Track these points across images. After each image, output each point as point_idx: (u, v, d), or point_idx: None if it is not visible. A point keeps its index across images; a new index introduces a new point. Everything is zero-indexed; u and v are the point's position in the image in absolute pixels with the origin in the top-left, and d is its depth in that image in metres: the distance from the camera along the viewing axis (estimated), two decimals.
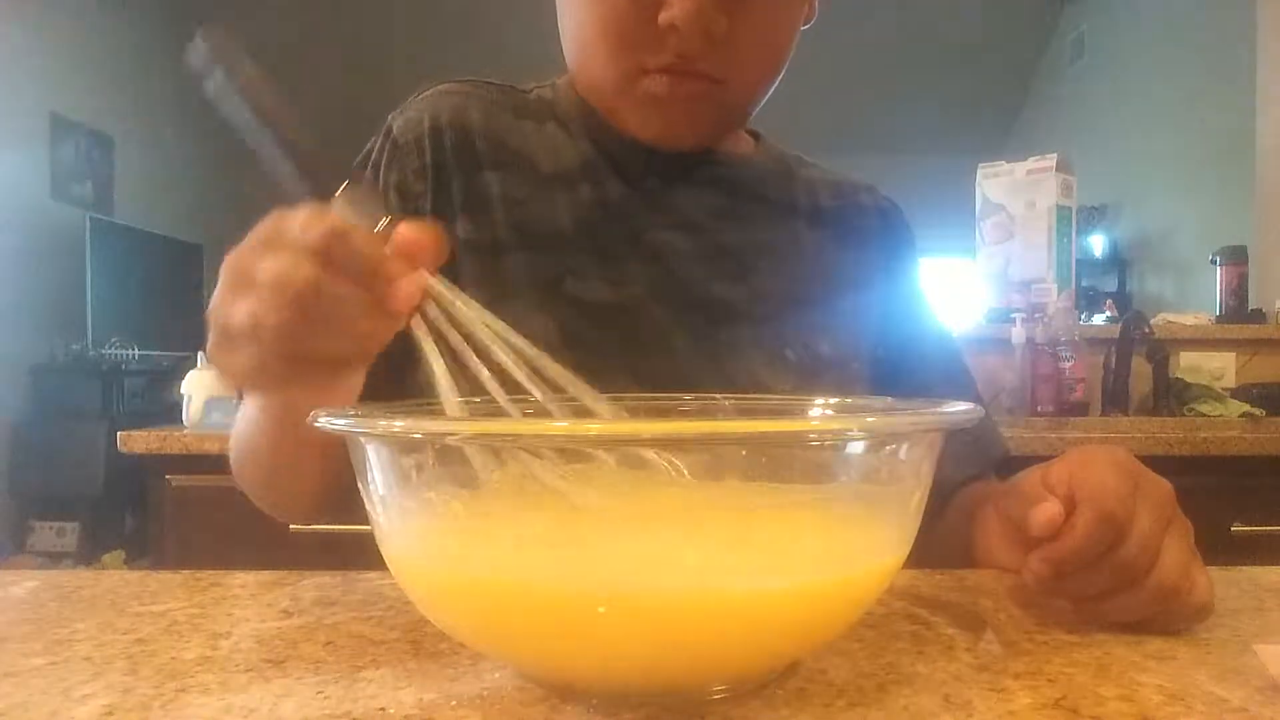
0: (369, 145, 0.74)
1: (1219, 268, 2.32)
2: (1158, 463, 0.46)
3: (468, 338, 0.44)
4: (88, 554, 3.91)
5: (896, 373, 0.79)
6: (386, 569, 0.38)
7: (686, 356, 0.71)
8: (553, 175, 0.73)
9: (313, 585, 0.56)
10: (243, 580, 0.57)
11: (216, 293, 0.44)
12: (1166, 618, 0.45)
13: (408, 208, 0.70)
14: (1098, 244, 5.14)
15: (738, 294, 0.74)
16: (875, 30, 4.97)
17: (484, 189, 0.72)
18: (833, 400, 0.50)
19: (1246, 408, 1.94)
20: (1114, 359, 2.02)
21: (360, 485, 0.38)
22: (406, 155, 0.72)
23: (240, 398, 0.63)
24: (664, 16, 0.63)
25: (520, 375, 0.43)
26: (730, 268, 0.74)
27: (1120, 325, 2.08)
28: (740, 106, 0.72)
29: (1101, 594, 0.45)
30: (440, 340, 0.44)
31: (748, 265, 0.75)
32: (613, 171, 0.74)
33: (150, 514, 1.61)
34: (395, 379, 0.52)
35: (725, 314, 0.73)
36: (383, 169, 0.72)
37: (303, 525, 1.32)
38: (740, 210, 0.77)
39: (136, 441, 1.58)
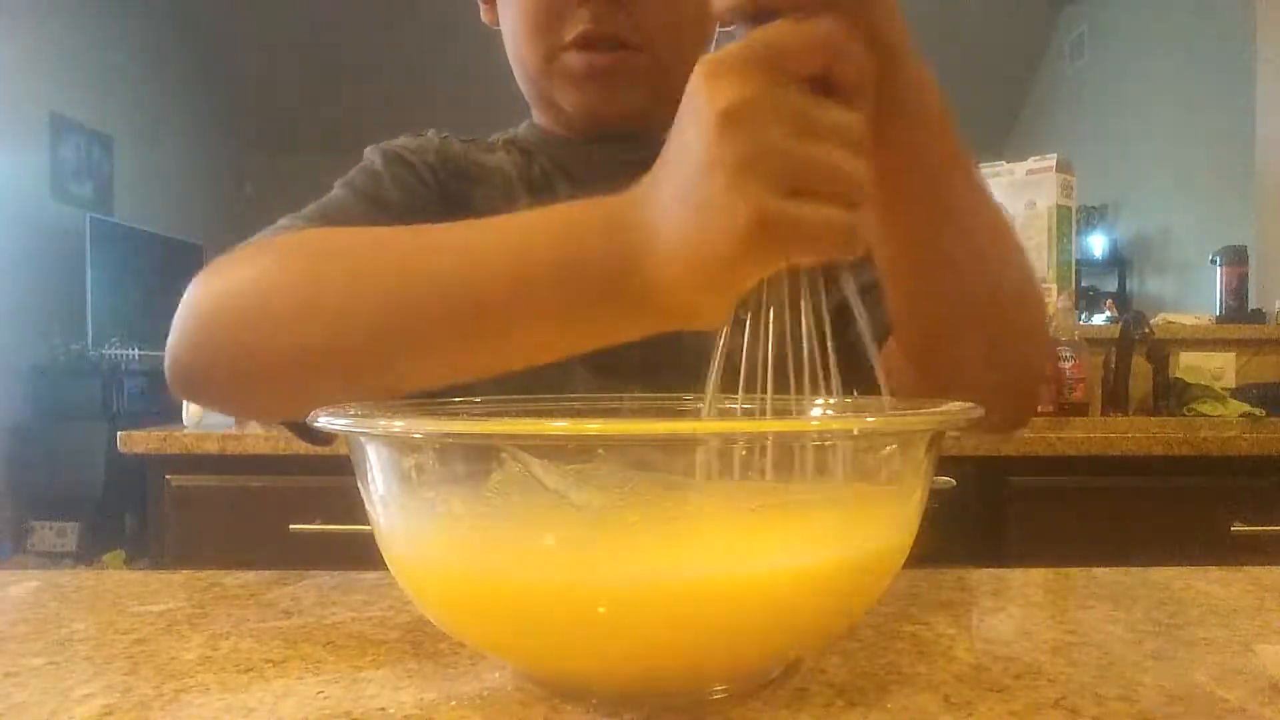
0: (358, 166, 0.75)
1: (1219, 268, 2.32)
2: (1157, 463, 0.45)
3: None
4: (88, 554, 3.92)
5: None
6: (386, 569, 0.38)
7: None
8: (517, 184, 0.79)
9: (313, 585, 0.56)
10: (243, 580, 0.57)
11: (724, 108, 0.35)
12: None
13: (416, 204, 0.73)
14: (1098, 244, 5.14)
15: None
16: None
17: (467, 198, 0.77)
18: (833, 400, 0.50)
19: (1246, 408, 1.94)
20: (1114, 359, 2.01)
21: (360, 485, 0.38)
22: (413, 156, 0.76)
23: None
24: None
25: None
26: None
27: (1120, 325, 2.07)
28: (663, 78, 0.72)
29: None
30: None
31: None
32: (564, 177, 0.78)
33: (150, 514, 1.60)
34: None
35: None
36: (386, 166, 0.74)
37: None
38: None
39: (136, 441, 1.58)
